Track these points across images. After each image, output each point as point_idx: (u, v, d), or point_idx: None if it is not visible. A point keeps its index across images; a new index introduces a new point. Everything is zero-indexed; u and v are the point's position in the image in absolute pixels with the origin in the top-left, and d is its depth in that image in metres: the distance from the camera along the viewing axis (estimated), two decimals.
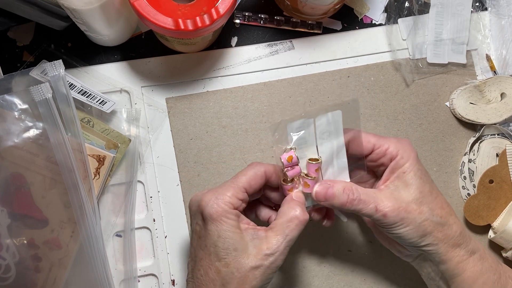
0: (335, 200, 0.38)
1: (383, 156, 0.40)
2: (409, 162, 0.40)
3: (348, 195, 0.38)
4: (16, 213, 0.44)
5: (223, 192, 0.38)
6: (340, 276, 0.50)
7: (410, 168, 0.39)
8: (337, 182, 0.39)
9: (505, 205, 0.50)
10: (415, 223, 0.38)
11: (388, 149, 0.40)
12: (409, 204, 0.38)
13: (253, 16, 0.52)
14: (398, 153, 0.40)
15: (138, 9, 0.41)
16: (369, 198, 0.38)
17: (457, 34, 0.53)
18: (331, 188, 0.39)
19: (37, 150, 0.44)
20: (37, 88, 0.44)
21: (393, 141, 0.40)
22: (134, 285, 0.47)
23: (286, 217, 0.38)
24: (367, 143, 0.40)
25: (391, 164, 0.40)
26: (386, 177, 0.40)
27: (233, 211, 0.37)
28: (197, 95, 0.51)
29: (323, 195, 0.39)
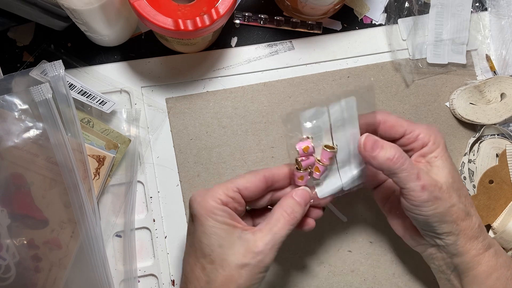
0: (382, 152, 0.36)
1: (414, 142, 0.40)
2: (440, 147, 0.39)
3: (397, 151, 0.36)
4: (16, 213, 0.44)
5: (213, 189, 0.37)
6: (340, 276, 0.50)
7: (441, 153, 0.39)
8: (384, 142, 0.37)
9: (505, 205, 0.50)
10: (445, 206, 0.37)
11: (419, 134, 0.39)
12: (442, 184, 0.38)
13: (253, 17, 0.52)
14: (430, 138, 0.39)
15: (138, 9, 0.41)
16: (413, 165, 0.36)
17: (457, 34, 0.53)
18: (378, 141, 0.37)
19: (37, 150, 0.44)
20: (37, 88, 0.44)
21: (424, 127, 0.40)
22: (134, 285, 0.47)
23: (276, 215, 0.37)
24: (400, 127, 0.39)
25: (422, 149, 0.39)
26: (416, 160, 0.40)
27: (221, 207, 0.36)
28: (197, 96, 0.51)
29: (371, 144, 0.36)
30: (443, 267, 0.42)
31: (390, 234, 0.51)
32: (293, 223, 0.37)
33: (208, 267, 0.36)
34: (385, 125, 0.40)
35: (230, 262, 0.35)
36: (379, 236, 0.51)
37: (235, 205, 0.38)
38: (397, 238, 0.51)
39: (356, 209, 0.51)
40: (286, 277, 0.50)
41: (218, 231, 0.36)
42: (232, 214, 0.37)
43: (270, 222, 0.37)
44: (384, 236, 0.51)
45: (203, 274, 0.36)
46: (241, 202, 0.38)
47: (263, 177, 0.39)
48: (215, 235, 0.36)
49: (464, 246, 0.39)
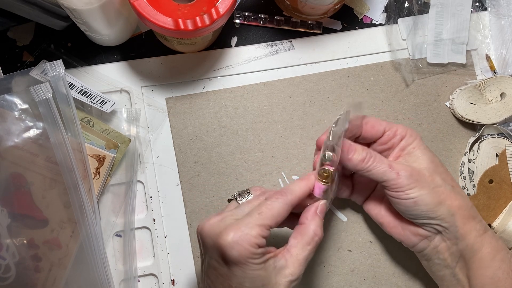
0: (356, 155, 0.40)
1: (394, 137, 0.43)
2: (417, 140, 0.43)
3: (367, 153, 0.40)
4: (16, 213, 0.44)
5: (247, 232, 0.35)
6: (340, 276, 0.50)
7: (419, 144, 0.42)
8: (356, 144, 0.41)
9: (504, 205, 0.50)
10: (429, 187, 0.39)
11: (397, 130, 0.43)
12: (421, 170, 0.40)
13: (253, 16, 0.52)
14: (407, 132, 0.43)
15: (138, 9, 0.41)
16: (383, 160, 0.40)
17: (457, 34, 0.53)
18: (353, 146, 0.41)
19: (37, 150, 0.44)
20: (37, 88, 0.44)
21: (400, 126, 0.43)
22: (134, 285, 0.47)
23: (306, 238, 0.37)
24: (379, 125, 0.43)
25: (401, 143, 0.43)
26: (397, 154, 0.43)
27: (259, 251, 0.35)
28: (197, 95, 0.51)
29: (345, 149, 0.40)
30: (448, 259, 0.42)
31: None
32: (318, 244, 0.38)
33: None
34: (367, 126, 0.43)
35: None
36: (379, 236, 0.51)
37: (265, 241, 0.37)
38: None
39: (356, 209, 0.51)
40: None
41: (259, 272, 0.35)
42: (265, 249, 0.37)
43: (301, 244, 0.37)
44: (384, 236, 0.51)
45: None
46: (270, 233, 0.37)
47: (291, 206, 0.38)
48: (258, 277, 0.35)
49: (464, 227, 0.40)
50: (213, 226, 0.36)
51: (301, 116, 0.52)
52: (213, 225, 0.36)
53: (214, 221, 0.37)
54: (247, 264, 0.35)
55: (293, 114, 0.51)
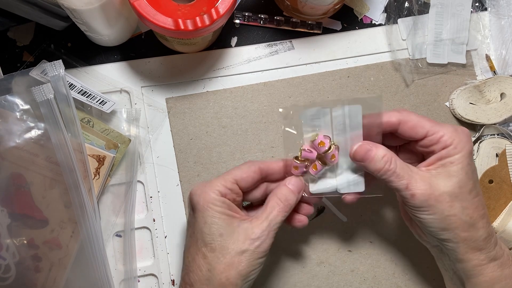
0: (371, 164, 0.37)
1: (436, 144, 0.38)
2: (461, 154, 0.37)
3: (386, 163, 0.37)
4: (16, 213, 0.44)
5: (212, 182, 0.39)
6: (340, 276, 0.50)
7: (459, 160, 0.37)
8: (378, 147, 0.38)
9: (504, 205, 0.50)
10: (442, 214, 0.37)
11: (442, 137, 0.38)
12: (442, 194, 0.37)
13: (253, 16, 0.52)
14: (453, 142, 0.37)
15: (138, 9, 0.41)
16: (404, 173, 0.37)
17: (457, 34, 0.53)
18: (371, 151, 0.37)
19: (38, 150, 0.44)
20: (39, 88, 0.44)
21: (450, 129, 0.38)
22: (134, 285, 0.48)
23: (271, 203, 0.39)
24: (421, 128, 0.38)
25: (442, 151, 0.38)
26: (431, 161, 0.39)
27: (221, 198, 0.38)
28: (197, 95, 0.51)
29: (361, 155, 0.38)
30: (447, 266, 0.42)
31: (390, 234, 0.51)
32: (287, 210, 0.40)
33: (210, 255, 0.38)
34: (406, 126, 0.38)
35: (230, 250, 0.37)
36: (379, 236, 0.51)
37: (233, 196, 0.40)
38: (397, 238, 0.51)
39: (356, 209, 0.51)
40: (286, 277, 0.50)
41: (218, 220, 0.38)
42: (231, 205, 0.39)
43: (266, 210, 0.39)
44: (384, 236, 0.51)
45: (205, 262, 0.38)
46: (239, 192, 0.40)
47: (259, 168, 0.40)
48: (216, 224, 0.38)
49: (465, 255, 0.38)
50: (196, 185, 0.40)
51: None
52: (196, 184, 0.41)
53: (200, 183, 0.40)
54: (207, 209, 0.38)
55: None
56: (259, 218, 0.39)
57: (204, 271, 0.38)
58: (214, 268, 0.37)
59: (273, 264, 0.50)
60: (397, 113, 0.39)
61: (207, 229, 0.38)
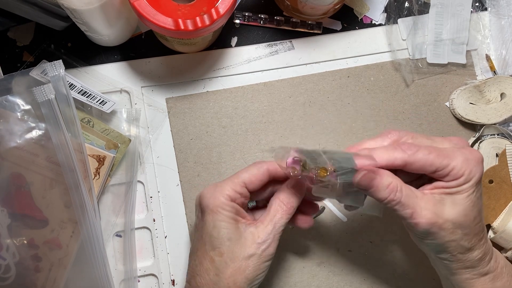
0: (376, 193, 0.36)
1: (446, 177, 0.36)
2: (469, 183, 0.36)
3: (390, 194, 0.36)
4: (16, 213, 0.44)
5: (221, 185, 0.39)
6: (340, 276, 0.50)
7: (467, 189, 0.36)
8: (384, 175, 0.36)
9: (504, 205, 0.50)
10: (442, 240, 0.37)
11: (452, 170, 0.36)
12: (446, 222, 0.36)
13: (253, 16, 0.52)
14: (464, 174, 0.36)
15: (138, 9, 0.41)
16: (409, 202, 0.36)
17: (457, 34, 0.53)
18: (375, 180, 0.36)
19: (38, 150, 0.44)
20: (40, 89, 0.44)
21: (460, 160, 0.36)
22: (134, 285, 0.47)
23: (274, 207, 0.39)
24: (429, 166, 0.36)
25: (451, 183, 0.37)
26: (437, 186, 0.37)
27: (230, 203, 0.38)
28: (197, 95, 0.51)
29: (366, 184, 0.36)
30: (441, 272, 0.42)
31: (390, 234, 0.51)
32: (290, 212, 0.40)
33: (217, 259, 0.38)
34: (412, 167, 0.36)
35: (238, 254, 0.37)
36: (379, 236, 0.51)
37: (242, 200, 0.40)
38: (397, 238, 0.51)
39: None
40: (286, 277, 0.50)
41: (227, 225, 0.38)
42: (239, 209, 0.39)
43: (270, 213, 0.39)
44: (384, 236, 0.51)
45: (212, 266, 0.38)
46: (247, 195, 0.40)
47: (267, 170, 0.40)
48: (225, 228, 0.38)
49: (458, 270, 0.39)
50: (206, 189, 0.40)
51: (301, 116, 0.52)
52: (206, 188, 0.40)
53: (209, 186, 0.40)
54: (216, 213, 0.38)
55: (293, 114, 0.51)
56: (263, 221, 0.39)
57: (212, 275, 0.38)
58: (222, 273, 0.37)
59: (273, 264, 0.49)
60: (402, 154, 0.36)
61: (215, 233, 0.38)
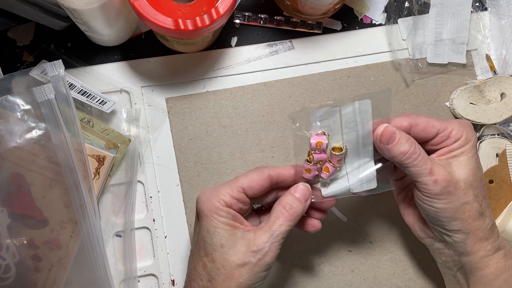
0: (396, 147, 0.37)
1: (447, 139, 0.39)
2: (470, 144, 0.39)
3: (411, 146, 0.37)
4: (16, 213, 0.44)
5: (218, 190, 0.38)
6: (340, 276, 0.50)
7: (469, 149, 0.39)
8: (401, 132, 0.38)
9: (505, 205, 0.50)
10: (457, 202, 0.37)
11: (452, 131, 0.39)
12: (459, 181, 0.38)
13: (253, 16, 0.52)
14: (463, 134, 0.39)
15: (138, 9, 0.41)
16: (427, 159, 0.37)
17: (457, 34, 0.53)
18: (396, 134, 0.37)
19: (38, 150, 0.44)
20: (40, 88, 0.44)
21: (456, 123, 0.39)
22: (134, 285, 0.47)
23: (275, 212, 0.38)
24: (432, 128, 0.39)
25: (453, 144, 0.39)
26: (443, 153, 0.39)
27: (225, 209, 0.37)
28: (197, 95, 0.51)
29: (387, 137, 0.37)
30: (450, 263, 0.42)
31: (390, 234, 0.51)
32: (292, 219, 0.38)
33: (210, 265, 0.37)
34: (417, 129, 0.39)
35: (231, 262, 0.36)
36: (379, 236, 0.51)
37: (239, 205, 0.38)
38: (397, 238, 0.51)
39: (356, 209, 0.51)
40: (286, 277, 0.50)
41: (220, 231, 0.37)
42: (236, 215, 0.38)
43: (270, 219, 0.38)
44: (384, 236, 0.51)
45: (205, 272, 0.37)
46: (246, 201, 0.39)
47: (268, 176, 0.39)
48: (218, 235, 0.37)
49: (473, 246, 0.38)
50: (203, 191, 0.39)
51: None
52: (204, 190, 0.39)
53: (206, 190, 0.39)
54: (210, 218, 0.37)
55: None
56: (263, 228, 0.37)
57: (205, 281, 0.37)
58: (214, 279, 0.36)
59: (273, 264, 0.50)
60: (406, 117, 0.39)
61: (209, 239, 0.37)
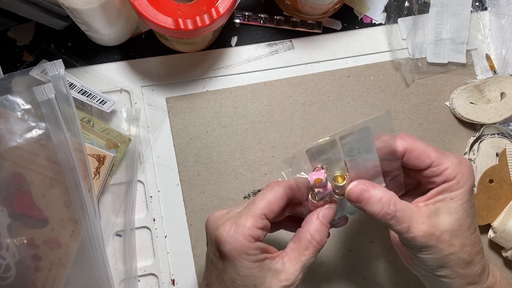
0: (367, 206, 0.35)
1: (438, 176, 0.36)
2: (463, 190, 0.35)
3: (383, 207, 0.35)
4: (16, 212, 0.44)
5: (241, 224, 0.34)
6: (340, 276, 0.50)
7: (461, 196, 0.35)
8: (376, 187, 0.35)
9: (505, 204, 0.50)
10: (441, 253, 0.35)
11: (446, 170, 0.36)
12: (443, 233, 0.35)
13: (253, 16, 0.52)
14: (456, 177, 0.35)
15: (138, 8, 0.41)
16: (405, 216, 0.35)
17: (457, 33, 0.53)
18: (367, 192, 0.35)
19: (38, 149, 0.44)
20: (40, 88, 0.44)
21: (454, 161, 0.36)
22: (134, 284, 0.47)
23: (304, 242, 0.36)
24: (426, 158, 0.36)
25: (443, 185, 0.36)
26: (431, 196, 0.36)
27: (254, 245, 0.34)
28: (197, 95, 0.51)
29: (356, 196, 0.35)
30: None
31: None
32: (319, 249, 0.36)
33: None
34: (411, 154, 0.36)
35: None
36: (379, 236, 0.51)
37: (264, 233, 0.36)
38: None
39: None
40: None
41: (253, 271, 0.34)
42: (263, 247, 0.36)
43: (299, 248, 0.36)
44: (384, 236, 0.51)
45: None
46: (269, 226, 0.36)
47: (285, 194, 0.36)
48: (251, 276, 0.34)
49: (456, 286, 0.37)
50: (216, 219, 0.36)
51: (301, 116, 0.52)
52: (216, 218, 0.36)
53: (219, 214, 0.36)
54: (240, 260, 0.34)
55: (293, 114, 0.51)
56: (291, 258, 0.35)
57: None
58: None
59: None
60: (402, 141, 0.36)
61: (240, 281, 0.34)
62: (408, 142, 0.36)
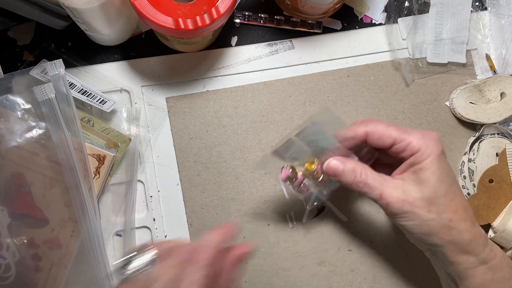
0: (343, 178, 0.39)
1: (404, 151, 0.38)
2: (430, 159, 0.38)
3: (356, 176, 0.38)
4: (16, 212, 0.44)
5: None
6: (340, 276, 0.50)
7: (429, 165, 0.38)
8: (349, 161, 0.39)
9: (505, 204, 0.50)
10: (421, 219, 0.37)
11: (409, 144, 0.38)
12: (416, 199, 0.37)
13: (253, 16, 0.52)
14: (420, 148, 0.38)
15: (138, 8, 0.41)
16: (376, 183, 0.38)
17: (457, 33, 0.53)
18: (340, 166, 0.39)
19: (38, 149, 0.44)
20: (40, 88, 0.44)
21: (417, 135, 0.38)
22: None
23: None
24: (387, 138, 0.39)
25: (410, 158, 0.38)
26: (403, 169, 0.39)
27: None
28: (197, 95, 0.51)
29: (332, 171, 0.39)
30: (441, 270, 0.42)
31: (390, 233, 0.51)
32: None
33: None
34: (373, 137, 0.39)
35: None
36: (379, 236, 0.51)
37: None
38: (397, 238, 0.51)
39: (356, 208, 0.51)
40: (286, 276, 0.50)
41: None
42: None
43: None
44: (384, 235, 0.51)
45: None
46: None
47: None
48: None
49: (454, 257, 0.38)
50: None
51: (301, 115, 0.52)
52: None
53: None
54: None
55: (293, 114, 0.51)
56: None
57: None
58: None
59: (273, 264, 0.50)
60: (363, 126, 0.39)
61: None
62: (370, 126, 0.40)
